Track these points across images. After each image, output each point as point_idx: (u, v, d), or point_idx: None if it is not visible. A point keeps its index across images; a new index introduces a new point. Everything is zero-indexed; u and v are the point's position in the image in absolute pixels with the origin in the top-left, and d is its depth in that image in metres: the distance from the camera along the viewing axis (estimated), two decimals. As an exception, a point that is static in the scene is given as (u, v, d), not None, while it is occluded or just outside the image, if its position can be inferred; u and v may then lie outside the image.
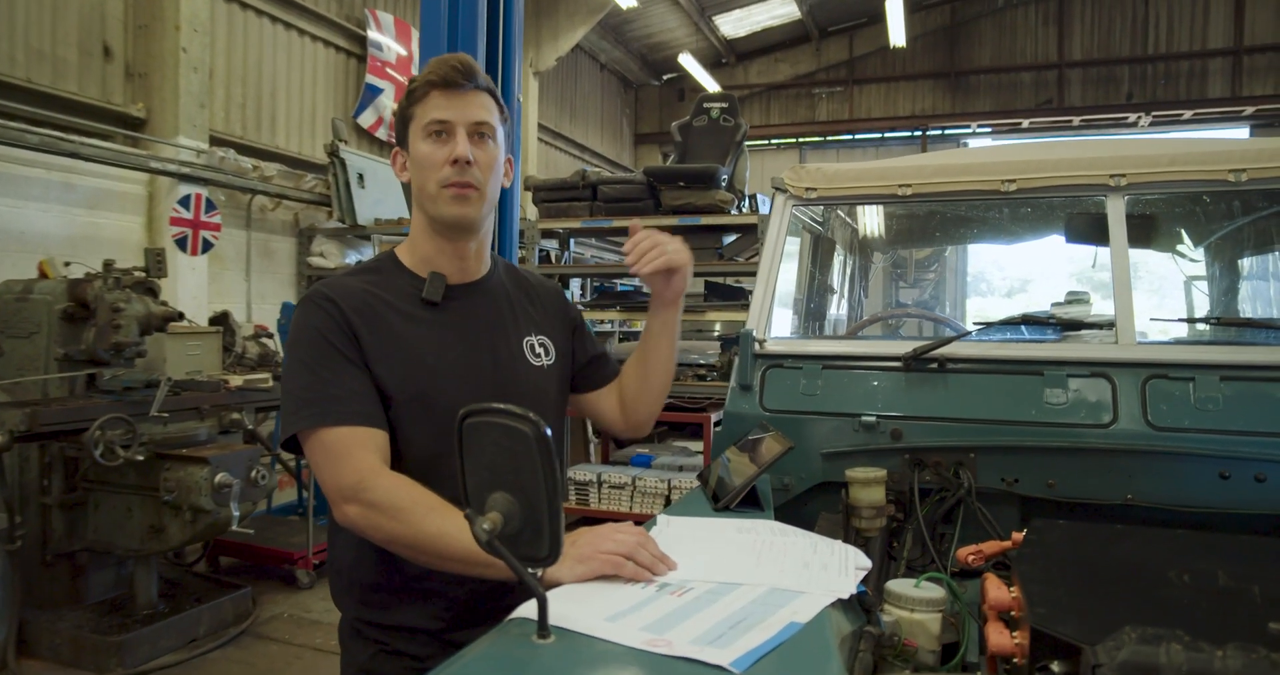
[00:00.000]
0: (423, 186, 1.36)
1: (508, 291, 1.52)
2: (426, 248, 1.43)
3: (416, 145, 1.36)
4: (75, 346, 3.87)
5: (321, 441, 1.25)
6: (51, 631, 3.71)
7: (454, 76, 1.33)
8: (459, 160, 1.32)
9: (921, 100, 14.77)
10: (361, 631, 1.39)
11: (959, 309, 9.43)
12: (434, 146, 1.34)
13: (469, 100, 1.35)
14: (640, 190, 6.50)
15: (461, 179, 1.33)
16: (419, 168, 1.36)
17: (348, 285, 1.37)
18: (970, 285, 4.89)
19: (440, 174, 1.34)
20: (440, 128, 1.34)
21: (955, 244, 3.57)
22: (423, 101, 1.35)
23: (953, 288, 5.12)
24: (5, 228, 5.15)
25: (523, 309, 1.52)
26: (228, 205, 6.62)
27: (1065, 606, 1.09)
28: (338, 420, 1.25)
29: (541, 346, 1.51)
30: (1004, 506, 1.70)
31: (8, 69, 5.32)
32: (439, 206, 1.36)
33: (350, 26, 8.27)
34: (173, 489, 3.54)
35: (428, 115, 1.34)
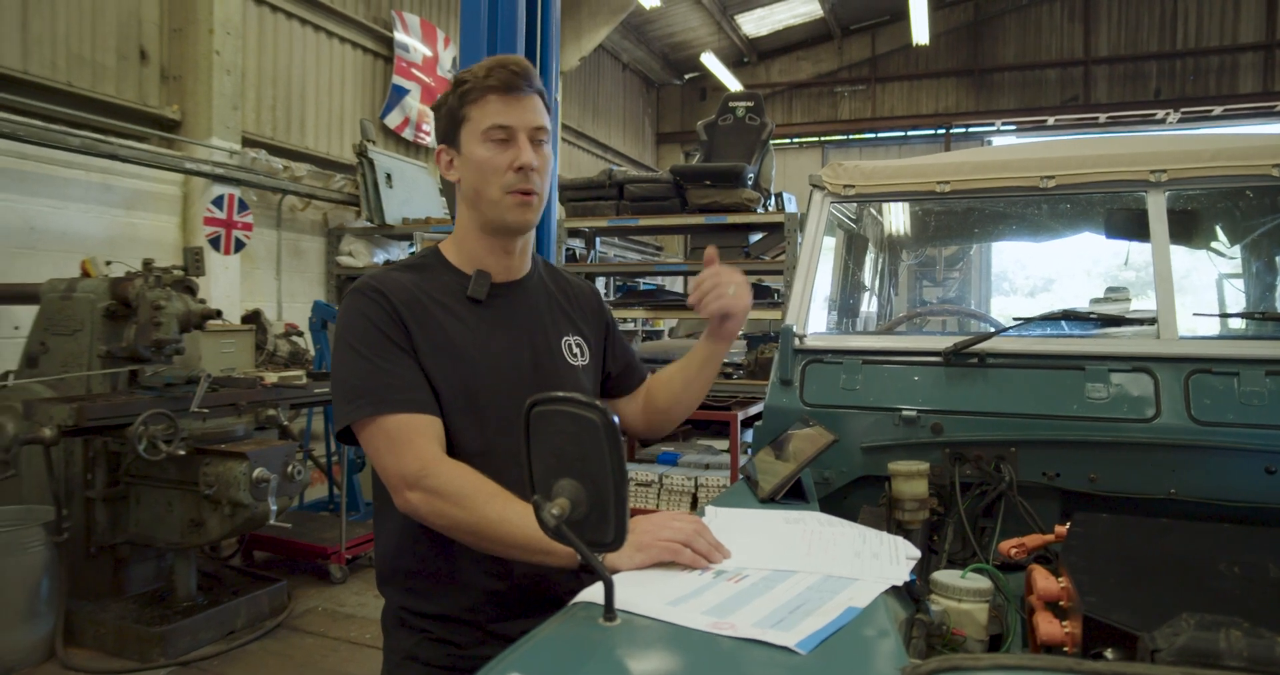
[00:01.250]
0: (482, 190, 1.37)
1: (548, 290, 1.54)
2: (474, 246, 1.44)
3: (473, 148, 1.36)
4: (117, 344, 3.96)
5: (383, 429, 1.27)
6: (96, 621, 3.80)
7: (516, 82, 1.33)
8: (524, 167, 1.34)
9: (945, 98, 14.69)
10: (405, 620, 1.41)
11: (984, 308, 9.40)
12: (495, 151, 1.34)
13: (528, 105, 1.36)
14: (667, 189, 6.52)
15: (526, 186, 1.35)
16: (478, 171, 1.36)
17: (395, 280, 1.38)
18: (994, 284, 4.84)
19: (504, 180, 1.35)
20: (503, 133, 1.34)
21: (989, 242, 3.57)
22: (479, 103, 1.35)
23: (978, 286, 5.09)
24: (48, 228, 5.27)
25: (561, 309, 1.54)
26: (259, 205, 6.73)
27: (1117, 596, 1.10)
28: (397, 408, 1.27)
29: (578, 346, 1.53)
30: (1045, 501, 1.71)
31: (50, 73, 5.44)
32: (502, 212, 1.37)
33: (377, 28, 8.37)
34: (212, 483, 3.61)
35: (488, 119, 1.34)
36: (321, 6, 7.64)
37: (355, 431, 1.31)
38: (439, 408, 1.33)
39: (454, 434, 1.34)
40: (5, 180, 5.06)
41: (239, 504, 3.60)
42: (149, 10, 6.12)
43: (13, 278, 4.92)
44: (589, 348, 1.57)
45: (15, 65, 5.26)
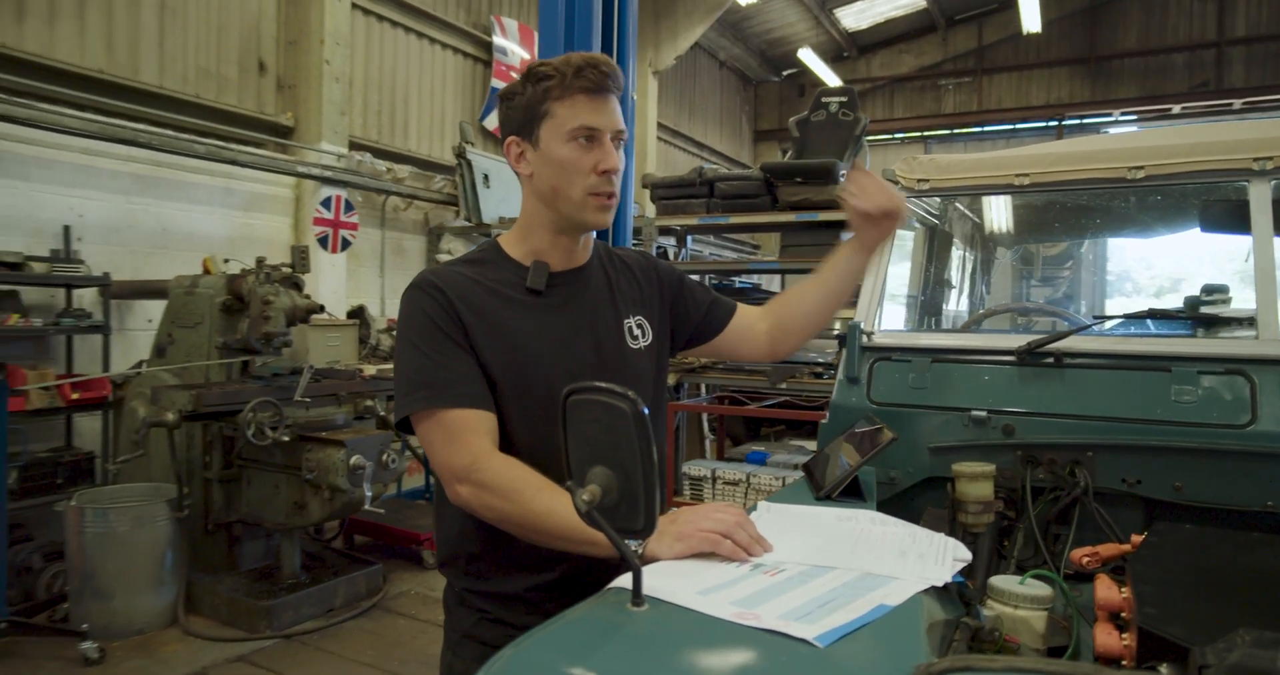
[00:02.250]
0: (562, 189, 1.37)
1: (607, 274, 1.54)
2: (540, 241, 1.45)
3: (555, 146, 1.35)
4: (232, 336, 4.27)
5: (437, 422, 1.31)
6: (212, 593, 4.11)
7: (606, 83, 1.33)
8: (609, 171, 1.35)
9: (1058, 88, 13.91)
10: (465, 600, 1.46)
11: (1098, 309, 8.85)
12: (580, 152, 1.34)
13: (613, 107, 1.36)
14: (757, 187, 6.47)
15: (609, 188, 1.37)
16: (559, 170, 1.36)
17: (452, 274, 1.42)
18: (1114, 284, 4.52)
19: (588, 182, 1.35)
20: (590, 133, 1.34)
21: (1082, 237, 3.39)
22: (566, 101, 1.33)
23: (1090, 285, 4.78)
24: (177, 229, 5.71)
25: (620, 290, 1.54)
26: (364, 206, 7.08)
27: (1178, 608, 1.04)
28: (451, 402, 1.31)
29: (639, 327, 1.53)
30: (1125, 509, 1.62)
31: (181, 87, 5.90)
32: (583, 213, 1.38)
33: (477, 33, 8.64)
34: (313, 469, 3.84)
35: (576, 119, 1.33)
36: (425, 15, 7.96)
37: (412, 423, 1.36)
38: (493, 401, 1.36)
39: (512, 422, 1.38)
40: (142, 186, 5.51)
41: (337, 489, 3.82)
42: (267, 24, 6.54)
43: (147, 275, 5.36)
44: (651, 327, 1.56)
45: (153, 81, 5.73)
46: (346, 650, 3.85)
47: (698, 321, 1.64)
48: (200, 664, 3.64)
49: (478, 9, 8.73)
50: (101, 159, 5.25)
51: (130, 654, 3.70)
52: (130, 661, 3.63)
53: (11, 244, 4.65)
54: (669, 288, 1.62)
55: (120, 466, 4.23)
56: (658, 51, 11.77)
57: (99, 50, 5.42)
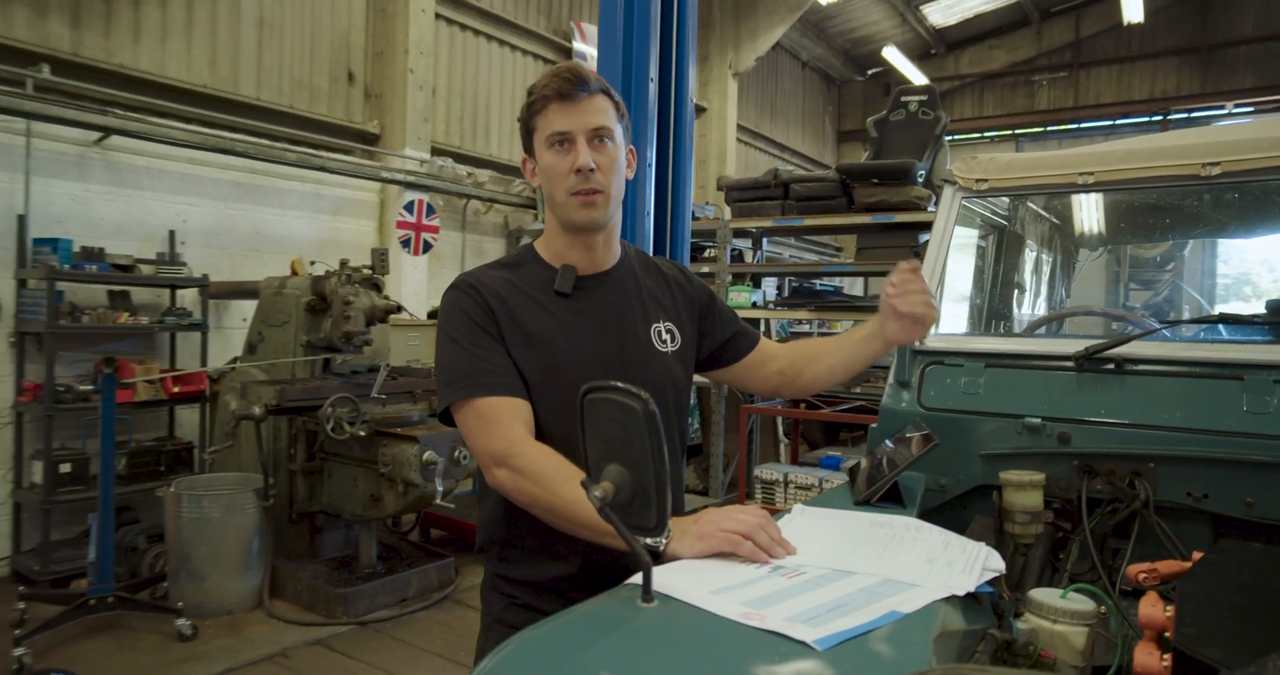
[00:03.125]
0: (552, 194, 1.47)
1: (637, 280, 1.60)
2: (559, 243, 1.53)
3: (542, 155, 1.45)
4: (316, 334, 4.47)
5: (475, 410, 1.38)
6: (295, 579, 4.31)
7: (567, 88, 1.40)
8: (581, 169, 1.41)
9: (1163, 80, 13.14)
10: (497, 586, 1.53)
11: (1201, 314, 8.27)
12: (558, 157, 1.43)
13: (584, 107, 1.42)
14: (833, 188, 6.37)
15: (586, 186, 1.43)
16: (546, 177, 1.46)
17: (488, 276, 1.50)
18: (1228, 286, 4.16)
19: (567, 183, 1.43)
20: (561, 138, 1.42)
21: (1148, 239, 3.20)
22: (542, 113, 1.43)
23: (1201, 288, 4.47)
24: (271, 232, 6.03)
25: (651, 296, 1.59)
26: (445, 209, 7.30)
27: (1220, 630, 0.99)
28: (489, 391, 1.38)
29: (668, 332, 1.58)
30: (1191, 524, 1.54)
31: (276, 98, 6.23)
32: (569, 213, 1.46)
33: (557, 39, 8.80)
34: (388, 463, 3.99)
35: (549, 127, 1.42)
36: (506, 22, 8.16)
37: (452, 414, 1.43)
38: (528, 392, 1.43)
39: (540, 420, 1.43)
40: (240, 192, 5.84)
41: (410, 483, 3.95)
42: (356, 36, 6.83)
43: (242, 276, 5.68)
44: (680, 333, 1.61)
45: (251, 93, 6.07)
46: (417, 639, 3.98)
47: (720, 343, 1.69)
48: (281, 645, 3.83)
49: (558, 15, 8.89)
50: (204, 168, 5.59)
51: (220, 632, 3.93)
52: (219, 639, 3.86)
53: (124, 248, 5.00)
54: (699, 303, 1.67)
55: (214, 456, 4.49)
56: (738, 53, 11.71)
57: (204, 66, 5.78)
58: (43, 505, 4.36)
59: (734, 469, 7.17)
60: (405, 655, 3.82)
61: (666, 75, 2.65)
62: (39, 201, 4.73)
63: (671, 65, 2.65)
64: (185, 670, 3.54)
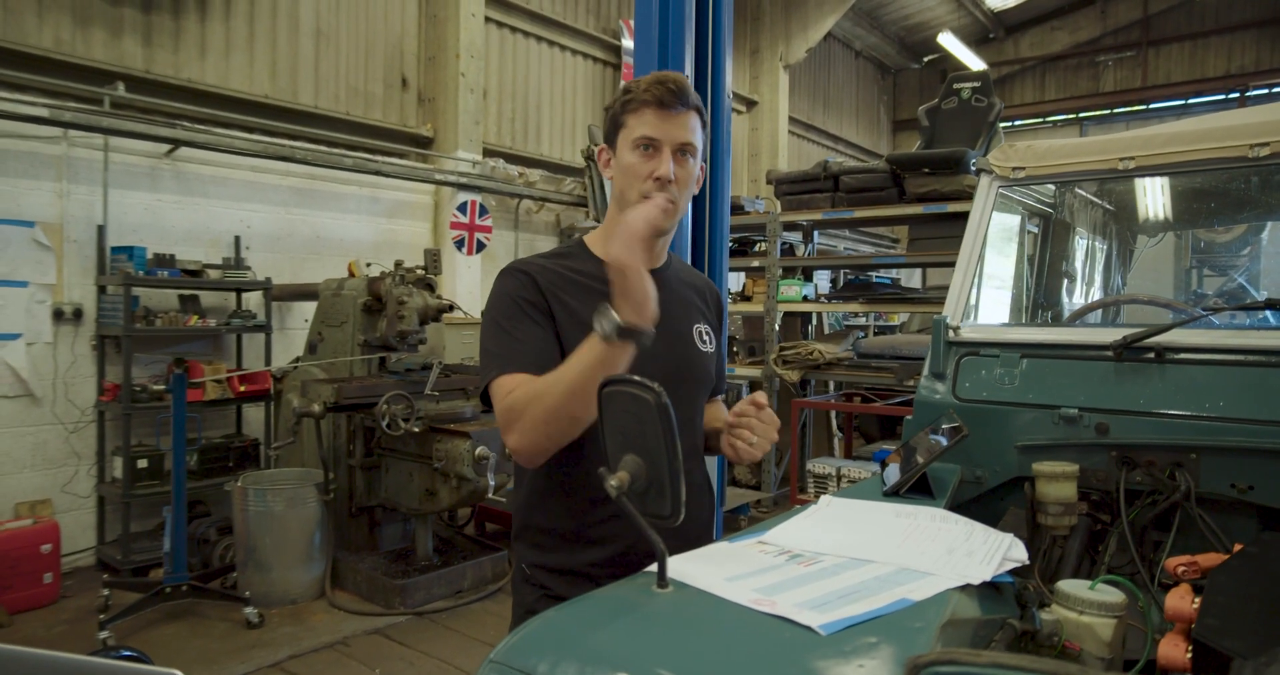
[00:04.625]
0: (625, 193, 1.48)
1: (681, 282, 1.64)
2: None
3: (624, 153, 1.47)
4: (372, 334, 4.62)
5: (499, 383, 1.39)
6: (354, 570, 4.47)
7: (668, 98, 1.42)
8: (661, 178, 1.43)
9: (1241, 55, 12.51)
10: (531, 576, 1.55)
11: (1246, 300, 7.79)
12: (641, 160, 1.44)
13: (678, 121, 1.44)
14: (883, 179, 6.28)
15: (662, 194, 1.44)
16: (623, 175, 1.47)
17: (539, 263, 1.53)
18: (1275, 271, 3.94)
19: (643, 187, 1.44)
20: (649, 143, 1.44)
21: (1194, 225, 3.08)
22: (636, 113, 1.45)
23: (1244, 274, 4.25)
24: (330, 236, 6.23)
25: (691, 299, 1.64)
26: (498, 209, 7.43)
27: (1243, 621, 0.97)
28: (514, 368, 1.39)
29: (707, 334, 1.62)
30: (1235, 517, 1.49)
31: (333, 105, 6.43)
32: None
33: (606, 38, 8.85)
34: (442, 458, 4.10)
35: (639, 129, 1.44)
36: (555, 23, 8.24)
37: (489, 392, 1.43)
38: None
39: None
40: (300, 198, 6.05)
41: (463, 477, 4.05)
42: (409, 43, 7.00)
43: (303, 279, 5.89)
44: (714, 337, 1.65)
45: (309, 102, 6.28)
46: (471, 629, 4.09)
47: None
48: (342, 633, 3.97)
49: (606, 14, 8.94)
50: (266, 175, 5.81)
51: (284, 621, 4.10)
52: (284, 627, 4.02)
53: (193, 253, 5.24)
54: (719, 321, 1.71)
55: (278, 452, 4.67)
56: (788, 45, 11.59)
57: (264, 77, 6.00)
58: (123, 499, 4.61)
59: (786, 463, 7.13)
60: (459, 645, 3.92)
61: (703, 70, 2.66)
62: (115, 212, 4.99)
63: (708, 60, 2.65)
64: (252, 656, 3.71)
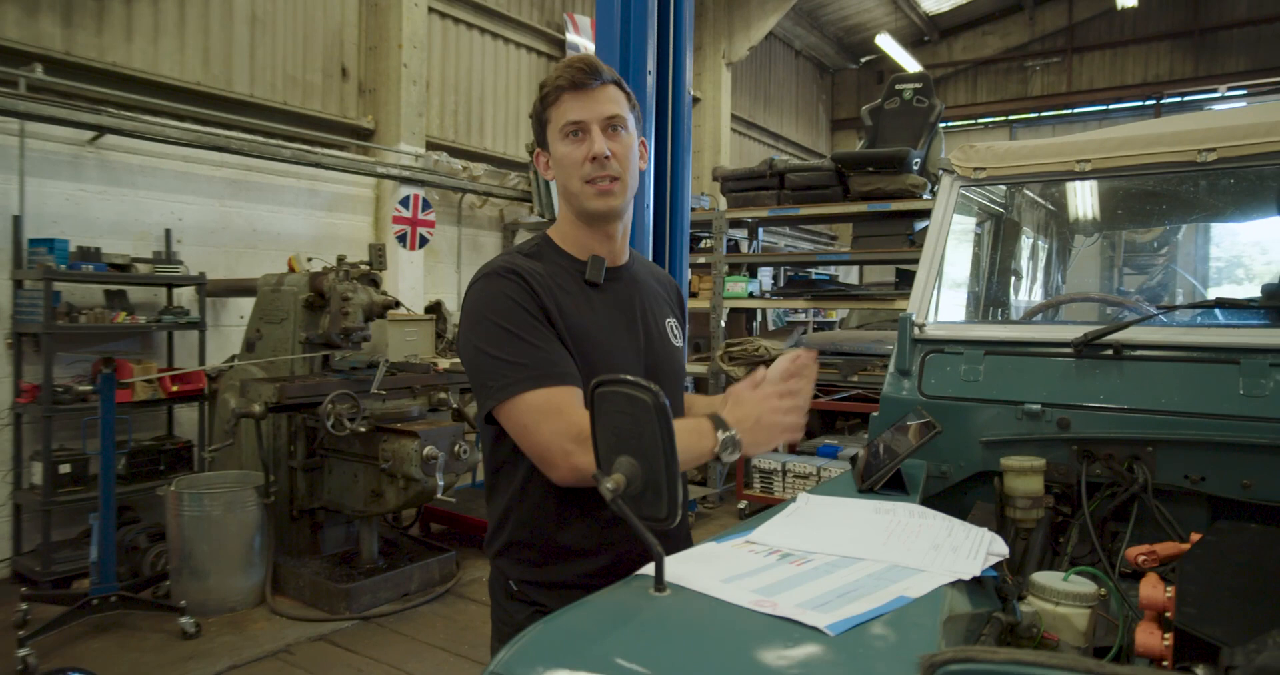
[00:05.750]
0: (567, 184, 1.46)
1: (646, 277, 1.63)
2: (578, 234, 1.52)
3: (556, 146, 1.45)
4: (314, 331, 4.48)
5: (537, 400, 1.31)
6: (296, 575, 4.33)
7: (580, 77, 1.41)
8: (597, 157, 1.41)
9: (1156, 65, 13.15)
10: (520, 592, 1.48)
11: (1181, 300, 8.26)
12: (572, 146, 1.43)
13: (598, 96, 1.42)
14: (828, 177, 6.39)
15: (602, 173, 1.43)
16: (560, 167, 1.46)
17: (525, 265, 1.45)
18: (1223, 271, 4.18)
19: (582, 171, 1.43)
20: (575, 128, 1.42)
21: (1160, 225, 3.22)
22: (555, 104, 1.44)
23: (1195, 272, 4.48)
24: (267, 229, 6.02)
25: (659, 294, 1.63)
26: (441, 204, 7.29)
27: (1220, 609, 1.01)
28: (556, 381, 1.33)
29: (676, 329, 1.62)
30: (1188, 507, 1.56)
31: (270, 94, 6.21)
32: (584, 202, 1.45)
33: (550, 31, 8.77)
34: (389, 458, 4.00)
35: (563, 117, 1.42)
36: (498, 15, 8.13)
37: (508, 406, 1.33)
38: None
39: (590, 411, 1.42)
40: (236, 190, 5.83)
41: (411, 478, 3.96)
42: (349, 32, 6.80)
43: (239, 274, 5.68)
44: (682, 331, 1.65)
45: (245, 90, 6.05)
46: (420, 633, 4.00)
47: None
48: (285, 641, 3.84)
49: (550, 7, 8.86)
50: (199, 166, 5.58)
51: (223, 630, 3.95)
52: (223, 637, 3.87)
53: (120, 247, 4.99)
54: (682, 315, 1.71)
55: (214, 454, 4.50)
56: (731, 43, 11.68)
57: (197, 64, 5.75)
58: (43, 506, 4.37)
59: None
60: (408, 649, 3.84)
61: (664, 67, 2.65)
62: (34, 202, 4.72)
63: (669, 57, 2.65)
64: (189, 668, 3.56)
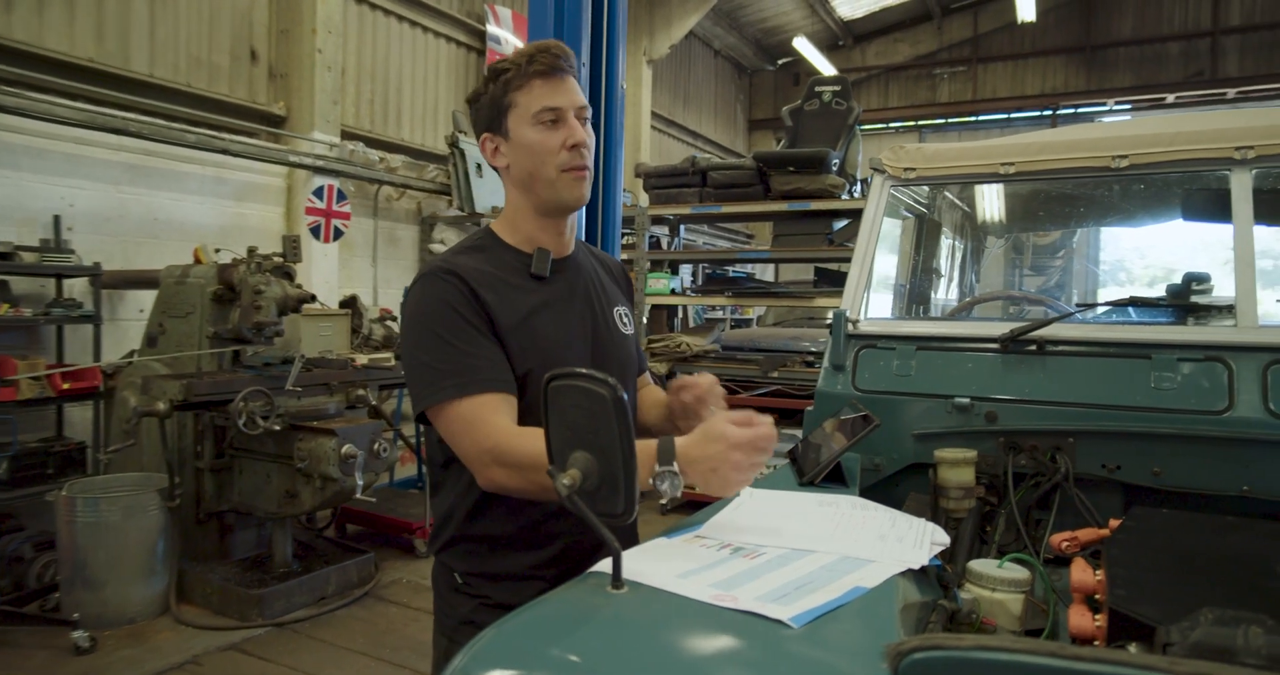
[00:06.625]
0: (537, 172, 1.41)
1: (593, 265, 1.60)
2: (529, 227, 1.48)
3: (523, 132, 1.39)
4: (223, 325, 4.26)
5: (455, 412, 1.31)
6: (204, 582, 4.12)
7: (559, 64, 1.37)
8: (578, 145, 1.38)
9: (1052, 77, 13.91)
10: (465, 585, 1.46)
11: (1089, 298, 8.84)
12: (548, 133, 1.38)
13: (570, 85, 1.40)
14: (750, 176, 6.48)
15: (580, 162, 1.40)
16: (531, 154, 1.40)
17: (463, 262, 1.42)
18: (1104, 274, 4.51)
19: (559, 159, 1.39)
20: (553, 115, 1.38)
21: (1065, 227, 3.40)
22: (525, 89, 1.38)
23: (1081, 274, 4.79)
24: (169, 218, 5.69)
25: (605, 281, 1.61)
26: (356, 195, 7.05)
27: (1149, 590, 1.06)
28: (480, 389, 1.31)
29: (626, 316, 1.60)
30: (1104, 494, 1.64)
31: (172, 75, 5.86)
32: (558, 191, 1.41)
33: (470, 22, 8.60)
34: (305, 458, 3.84)
35: (536, 103, 1.38)
36: (418, 3, 7.91)
37: (437, 412, 1.34)
38: (515, 384, 1.37)
39: (531, 409, 1.38)
40: (134, 175, 5.48)
41: (328, 478, 3.82)
42: (259, 13, 6.49)
43: (138, 265, 5.34)
44: (631, 318, 1.63)
45: (143, 70, 5.69)
46: (339, 638, 3.87)
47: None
48: (192, 652, 3.65)
49: (470, -3, 8.69)
50: (92, 148, 5.22)
51: (122, 643, 3.72)
52: (122, 651, 3.65)
53: (1, 234, 4.62)
54: (630, 298, 1.68)
55: (112, 456, 4.23)
56: (652, 40, 11.72)
57: (89, 39, 5.38)
58: (-86, 514, 4.02)
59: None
60: (327, 655, 3.71)
61: (597, 61, 2.63)
62: (-99, 183, 4.33)
63: (602, 51, 2.62)
64: (87, 683, 3.34)
